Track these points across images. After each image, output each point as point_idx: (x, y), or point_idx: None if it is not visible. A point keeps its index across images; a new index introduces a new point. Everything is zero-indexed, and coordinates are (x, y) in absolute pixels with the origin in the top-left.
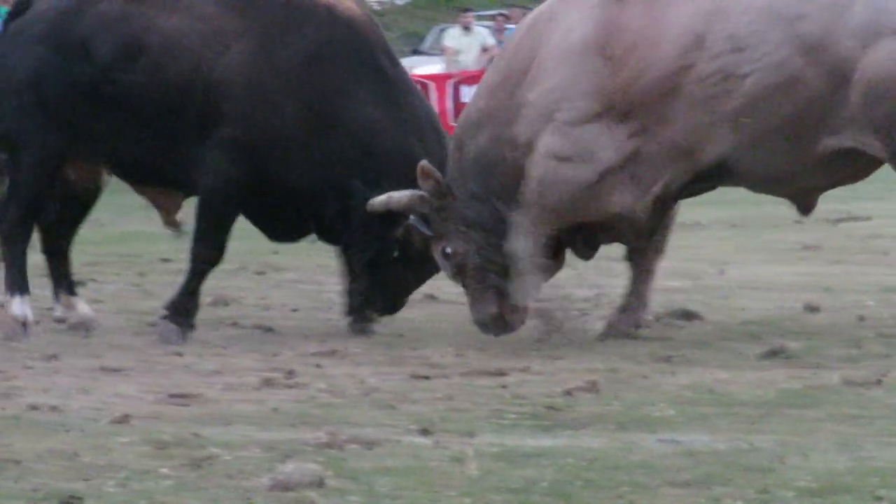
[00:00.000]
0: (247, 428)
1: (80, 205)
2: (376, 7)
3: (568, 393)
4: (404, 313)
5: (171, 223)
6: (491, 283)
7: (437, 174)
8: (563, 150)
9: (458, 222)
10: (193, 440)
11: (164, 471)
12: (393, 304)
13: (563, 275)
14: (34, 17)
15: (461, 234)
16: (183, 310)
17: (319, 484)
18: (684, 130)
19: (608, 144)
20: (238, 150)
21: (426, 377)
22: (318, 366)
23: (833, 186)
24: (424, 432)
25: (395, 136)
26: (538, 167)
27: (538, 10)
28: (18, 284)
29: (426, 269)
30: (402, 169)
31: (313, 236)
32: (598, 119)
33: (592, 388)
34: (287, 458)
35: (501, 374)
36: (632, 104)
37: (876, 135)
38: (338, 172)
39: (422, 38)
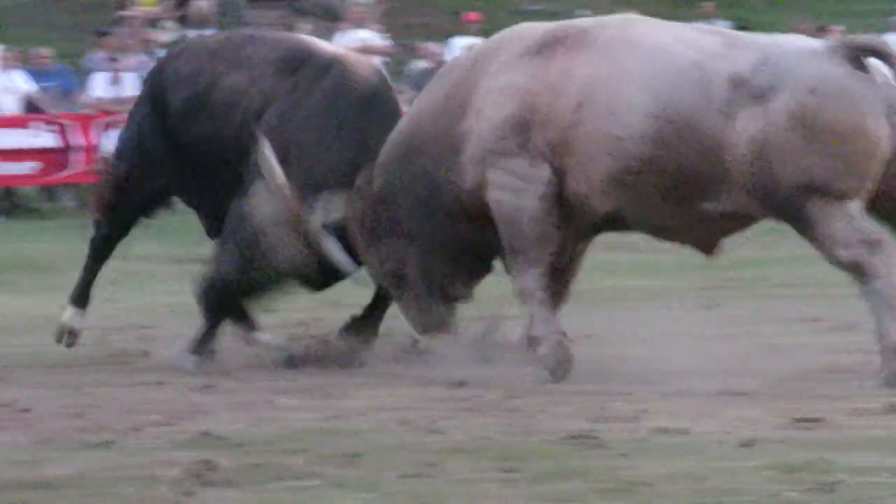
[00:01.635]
0: (875, 453)
1: None
2: None
3: None
4: None
5: None
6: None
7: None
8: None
9: (394, 234)
10: (820, 464)
11: (792, 495)
12: None
13: None
14: None
15: (398, 244)
16: None
17: None
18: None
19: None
20: None
21: None
22: None
23: None
24: None
25: None
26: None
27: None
28: None
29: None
30: None
31: None
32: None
33: None
34: None
35: None
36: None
37: None
38: None
39: None
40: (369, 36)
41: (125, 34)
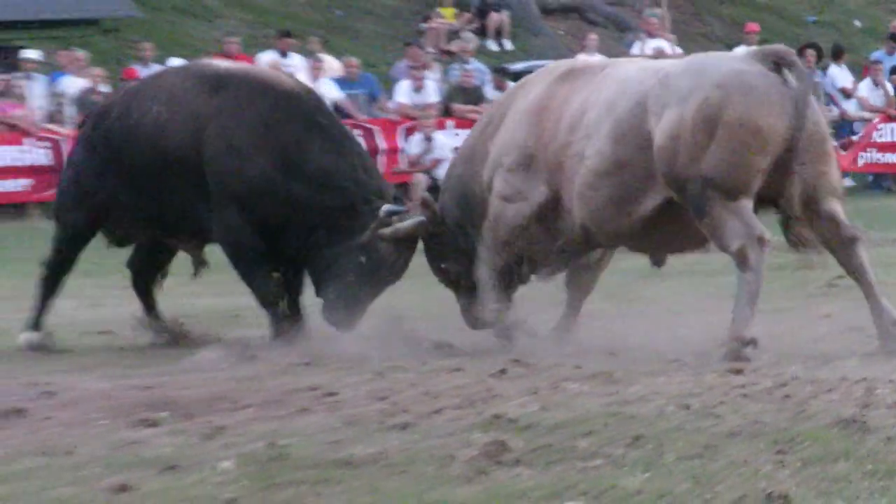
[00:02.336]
0: None
1: None
2: None
3: None
4: None
5: None
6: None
7: (435, 205)
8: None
9: (449, 246)
10: None
11: None
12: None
13: None
14: None
15: (453, 256)
16: None
17: None
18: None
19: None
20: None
21: None
22: None
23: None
24: None
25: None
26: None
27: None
28: None
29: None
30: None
31: None
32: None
33: None
34: None
35: None
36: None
37: None
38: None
39: None
40: (664, 45)
41: (428, 45)
